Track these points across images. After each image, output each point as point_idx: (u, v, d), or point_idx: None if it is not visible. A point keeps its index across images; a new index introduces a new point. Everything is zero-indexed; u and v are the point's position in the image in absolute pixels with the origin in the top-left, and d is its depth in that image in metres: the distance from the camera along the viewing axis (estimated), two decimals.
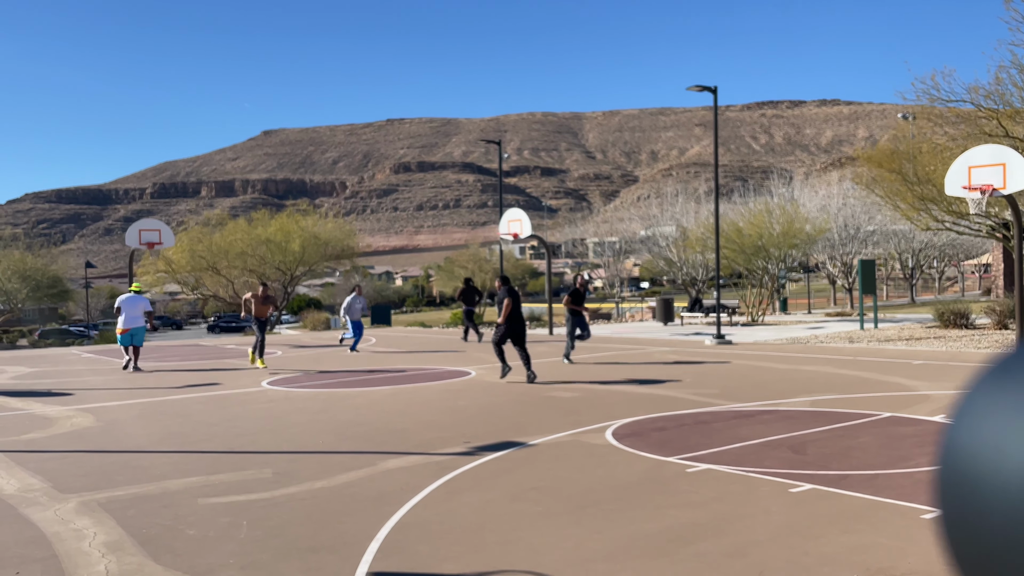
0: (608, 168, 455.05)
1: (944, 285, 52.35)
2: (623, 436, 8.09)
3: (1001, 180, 13.77)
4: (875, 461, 6.67)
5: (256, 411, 10.52)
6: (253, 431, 9.01)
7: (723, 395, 10.73)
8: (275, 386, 13.22)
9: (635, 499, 5.74)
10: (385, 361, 17.33)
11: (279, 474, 6.83)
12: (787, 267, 36.75)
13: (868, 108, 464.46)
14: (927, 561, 4.31)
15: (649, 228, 54.22)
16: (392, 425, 9.13)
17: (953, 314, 19.51)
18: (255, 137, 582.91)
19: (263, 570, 4.52)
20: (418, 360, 17.31)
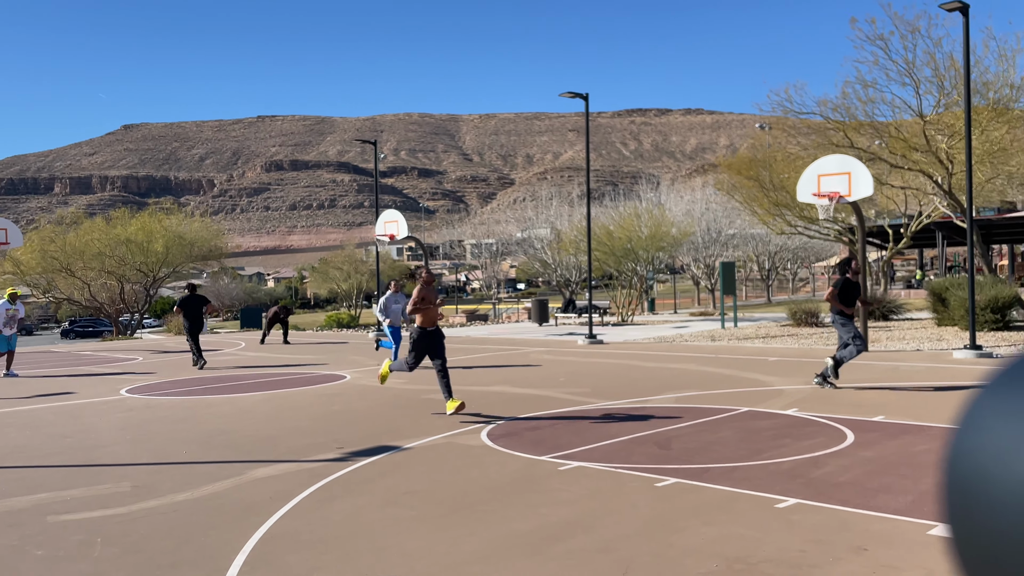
0: (485, 170, 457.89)
1: (797, 286, 55.67)
2: (498, 436, 8.16)
3: (847, 188, 14.79)
4: (734, 454, 7.02)
5: (114, 421, 9.94)
6: (110, 442, 8.51)
7: (594, 393, 11.02)
8: (135, 394, 12.54)
9: (509, 499, 5.80)
10: (253, 366, 16.77)
11: (138, 487, 6.48)
12: (655, 269, 38.14)
13: (729, 118, 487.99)
14: (781, 549, 4.58)
15: (525, 230, 54.96)
16: (261, 432, 8.85)
17: (805, 313, 20.80)
18: (114, 131, 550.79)
19: None
20: (290, 365, 16.85)
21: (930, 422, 8.20)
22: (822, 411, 9.03)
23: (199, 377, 14.84)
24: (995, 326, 17.01)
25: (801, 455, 6.90)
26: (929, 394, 10.02)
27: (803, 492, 5.73)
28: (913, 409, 8.98)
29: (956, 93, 19.43)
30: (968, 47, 14.26)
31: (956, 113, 19.48)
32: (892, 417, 8.54)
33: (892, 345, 16.24)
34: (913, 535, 4.73)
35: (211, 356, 19.60)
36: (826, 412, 8.96)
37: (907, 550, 4.48)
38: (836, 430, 7.95)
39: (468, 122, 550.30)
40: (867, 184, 14.67)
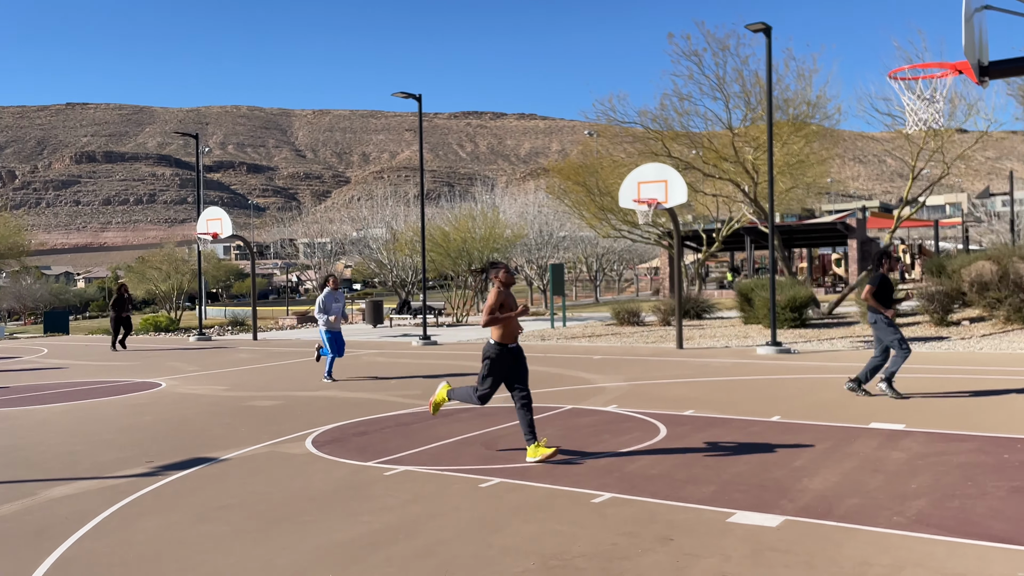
0: (319, 168, 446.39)
1: (623, 286, 58.30)
2: (323, 444, 7.97)
3: (664, 195, 15.65)
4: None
5: None
6: None
7: (425, 396, 11.01)
8: None
9: (331, 508, 5.68)
10: (57, 374, 15.46)
11: None
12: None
13: (561, 124, 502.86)
14: (594, 543, 4.77)
15: (360, 230, 54.11)
16: (60, 448, 8.16)
17: (627, 313, 21.81)
18: None
19: None
20: (100, 372, 15.66)
21: (734, 415, 8.82)
22: (639, 407, 9.49)
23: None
24: (794, 324, 18.56)
25: (618, 450, 7.22)
26: (735, 388, 10.78)
27: (618, 486, 5.99)
28: (720, 403, 9.63)
29: (761, 108, 21.04)
30: (770, 66, 15.47)
31: (761, 127, 21.10)
32: (701, 411, 9.12)
33: (704, 343, 17.34)
34: (714, 523, 5.06)
35: (10, 365, 17.87)
36: (642, 408, 9.43)
37: (709, 538, 4.79)
38: (651, 425, 8.39)
39: (301, 117, 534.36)
40: (682, 192, 15.58)
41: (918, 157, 18.51)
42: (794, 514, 5.17)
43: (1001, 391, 9.74)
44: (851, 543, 4.61)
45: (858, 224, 36.24)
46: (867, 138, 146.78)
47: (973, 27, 5.61)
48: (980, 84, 5.82)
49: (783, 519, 5.08)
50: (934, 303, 16.94)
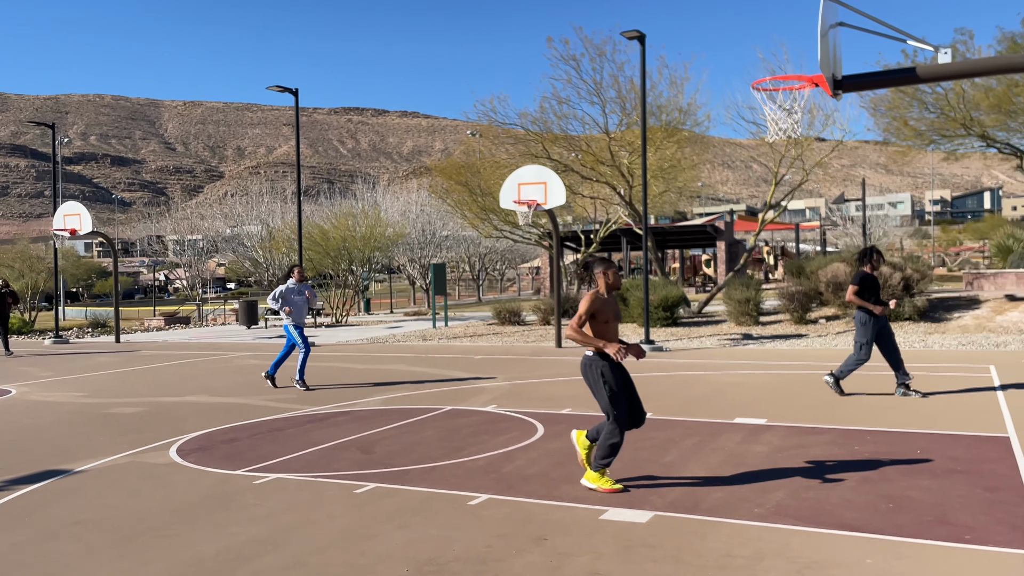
0: (190, 162, 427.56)
1: (505, 286, 58.79)
2: (189, 452, 7.62)
3: (543, 196, 15.87)
4: (434, 454, 7.19)
5: None
6: None
7: (300, 400, 10.72)
8: None
9: (195, 520, 5.43)
10: None
11: None
12: (371, 269, 38.14)
13: (444, 123, 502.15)
14: (469, 546, 4.76)
15: (235, 227, 52.22)
16: None
17: (508, 312, 22.00)
18: None
19: None
20: None
21: None
22: (518, 407, 9.57)
23: None
24: (666, 323, 19.23)
25: (496, 450, 7.25)
26: None
27: (494, 487, 6.01)
28: (595, 401, 9.82)
29: (636, 114, 21.68)
30: (644, 73, 15.95)
31: (636, 132, 21.74)
32: (578, 409, 9.29)
33: None
34: (587, 521, 5.15)
35: None
36: (521, 407, 9.51)
37: (582, 536, 4.87)
38: (529, 424, 8.47)
39: (171, 108, 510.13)
40: (560, 193, 15.84)
41: (780, 164, 19.55)
42: (663, 509, 5.34)
43: (853, 386, 10.40)
44: (715, 536, 4.79)
45: (726, 227, 37.93)
46: (735, 144, 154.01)
47: (828, 43, 5.95)
48: (834, 97, 6.18)
49: (653, 515, 5.23)
50: (794, 302, 17.94)
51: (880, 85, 6.75)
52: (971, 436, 7.32)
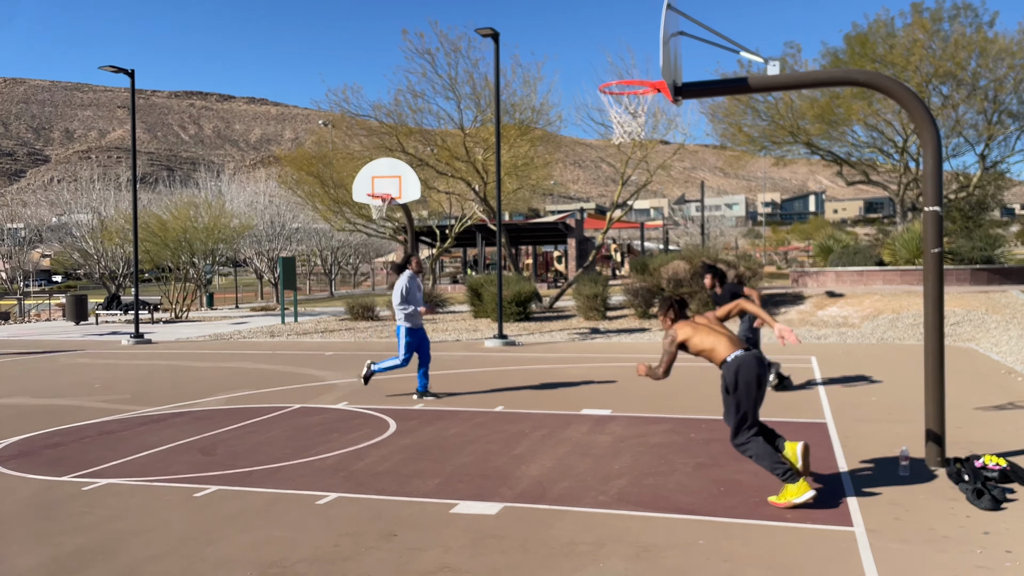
0: (11, 144, 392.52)
1: (359, 280, 57.81)
2: (8, 458, 7.02)
3: (398, 190, 15.73)
4: (281, 454, 6.99)
5: None
6: None
7: (134, 400, 10.11)
8: None
9: (13, 531, 5.01)
10: None
11: None
12: (215, 262, 36.45)
13: (294, 111, 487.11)
14: (316, 547, 4.66)
15: (62, 215, 48.57)
16: None
17: (361, 307, 21.66)
18: None
19: None
20: None
21: (461, 407, 9.09)
22: (369, 403, 9.46)
23: None
24: (519, 318, 19.56)
25: (346, 448, 7.14)
26: (463, 380, 11.12)
27: (343, 486, 5.91)
28: (450, 398, 9.87)
29: (490, 111, 21.90)
30: (498, 70, 16.13)
31: (490, 128, 21.96)
32: (430, 405, 9.29)
33: (435, 336, 17.70)
34: (437, 516, 5.17)
35: None
36: (373, 404, 9.41)
37: (431, 530, 4.88)
38: (381, 421, 8.39)
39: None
40: (415, 188, 15.76)
41: (627, 164, 20.33)
42: (512, 500, 5.44)
43: (691, 378, 10.99)
44: (561, 524, 4.93)
45: (577, 224, 39.03)
46: (585, 145, 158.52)
47: (669, 50, 6.24)
48: (675, 103, 6.49)
49: (502, 506, 5.32)
50: (638, 298, 18.72)
51: (716, 93, 7.15)
52: (794, 423, 7.91)
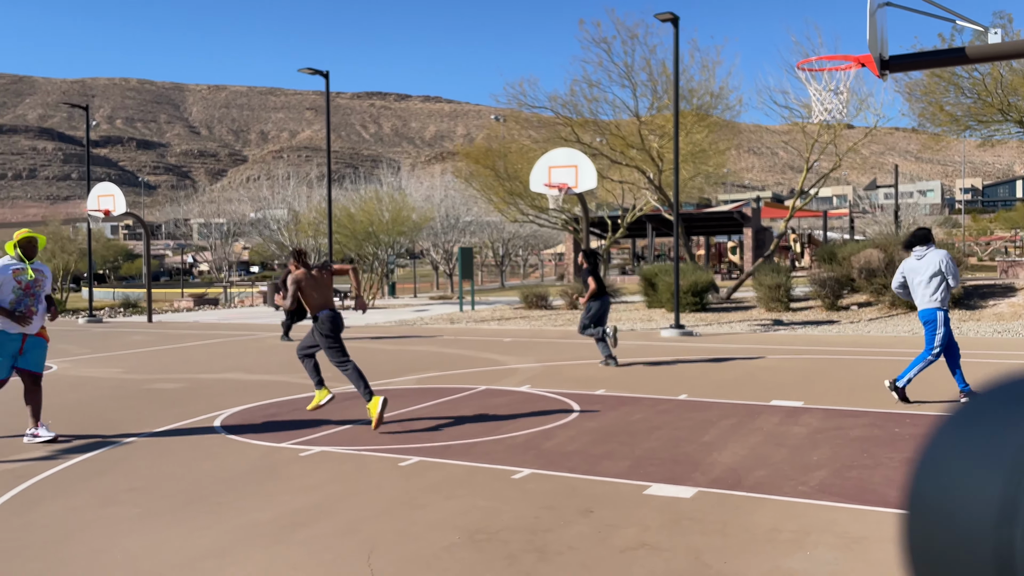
0: (215, 145, 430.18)
1: (528, 271, 58.80)
2: (233, 426, 7.76)
3: (574, 180, 15.87)
4: (473, 431, 7.28)
5: None
6: None
7: (336, 378, 10.84)
8: None
9: (246, 489, 5.55)
10: None
11: None
12: (396, 253, 38.31)
13: (466, 107, 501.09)
14: (517, 517, 4.84)
15: (259, 210, 52.58)
16: None
17: (535, 296, 22.04)
18: None
19: None
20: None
21: (643, 393, 9.07)
22: (551, 387, 9.64)
23: None
24: (695, 308, 19.18)
25: (534, 428, 7.33)
26: (642, 369, 11.08)
27: (536, 463, 6.08)
28: (629, 382, 9.88)
29: (667, 97, 21.56)
30: (677, 56, 15.85)
31: (666, 116, 21.63)
32: (612, 390, 9.34)
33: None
34: (632, 496, 5.21)
35: None
36: (555, 388, 9.58)
37: (627, 509, 4.93)
38: (564, 404, 8.53)
39: (195, 92, 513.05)
40: (591, 177, 15.83)
41: (812, 149, 19.38)
42: (706, 485, 5.38)
43: (888, 371, 10.36)
44: (761, 511, 4.83)
45: (753, 213, 37.68)
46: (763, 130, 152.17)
47: (876, 22, 5.91)
48: (880, 77, 6.14)
49: (696, 490, 5.28)
50: (825, 288, 17.83)
51: (928, 65, 6.69)
52: None
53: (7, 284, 7.15)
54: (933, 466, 0.64)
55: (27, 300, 7.23)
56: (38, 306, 7.33)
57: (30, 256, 7.35)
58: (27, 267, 7.30)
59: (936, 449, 0.66)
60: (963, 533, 0.59)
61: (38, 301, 7.34)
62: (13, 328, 7.10)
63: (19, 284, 7.20)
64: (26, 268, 7.29)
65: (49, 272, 7.64)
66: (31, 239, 7.40)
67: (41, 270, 7.48)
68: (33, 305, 7.27)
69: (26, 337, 7.21)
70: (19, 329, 7.13)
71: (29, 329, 7.20)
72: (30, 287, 7.27)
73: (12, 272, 7.19)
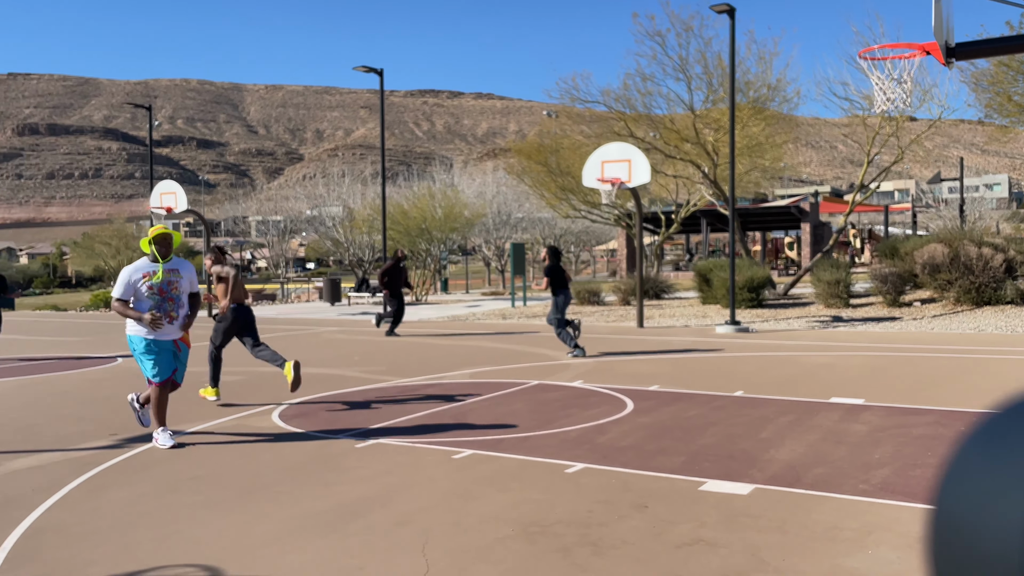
0: (272, 144, 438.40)
1: (579, 267, 58.61)
2: (291, 417, 7.91)
3: (627, 174, 15.74)
4: (526, 425, 7.29)
5: None
6: None
7: (390, 371, 10.97)
8: None
9: (304, 479, 5.65)
10: (6, 349, 15.04)
11: None
12: (448, 249, 38.54)
13: (518, 104, 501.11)
14: (571, 511, 4.83)
15: (315, 207, 53.43)
16: (20, 421, 7.96)
17: (587, 292, 21.95)
18: None
19: None
20: (52, 348, 15.28)
21: (698, 390, 8.97)
22: (604, 382, 9.59)
23: None
24: (751, 304, 18.88)
25: (587, 423, 7.30)
26: (696, 364, 10.96)
27: (589, 457, 6.06)
28: (683, 378, 9.78)
29: (722, 91, 21.24)
30: (733, 47, 15.60)
31: (722, 109, 21.31)
32: (666, 386, 9.25)
33: (663, 321, 17.55)
34: (687, 492, 5.16)
35: None
36: (608, 383, 9.53)
37: (682, 505, 4.88)
38: (617, 399, 8.48)
39: (253, 92, 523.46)
40: (645, 171, 15.69)
41: (873, 142, 18.90)
42: (763, 482, 5.30)
43: (953, 368, 10.05)
44: (820, 509, 4.74)
45: (811, 208, 36.90)
46: (821, 123, 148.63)
47: (941, 8, 5.73)
48: (946, 66, 5.96)
49: (753, 487, 5.20)
50: (887, 284, 17.37)
51: (996, 52, 6.47)
52: None
53: (139, 291, 6.59)
54: (958, 482, 0.64)
55: (166, 305, 6.59)
56: (178, 311, 6.69)
57: (164, 254, 6.65)
58: (159, 268, 6.62)
59: (961, 465, 0.65)
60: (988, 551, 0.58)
61: (178, 305, 6.70)
62: (164, 335, 6.60)
63: (152, 290, 6.57)
64: (157, 270, 6.62)
65: (190, 268, 6.87)
66: (165, 236, 6.67)
67: (176, 269, 6.75)
68: (173, 310, 6.63)
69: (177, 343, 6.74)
70: (168, 335, 6.61)
71: (167, 335, 6.62)
72: (164, 291, 6.60)
73: (142, 276, 6.59)
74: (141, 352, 6.60)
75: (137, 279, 6.58)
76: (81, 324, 21.63)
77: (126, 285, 6.57)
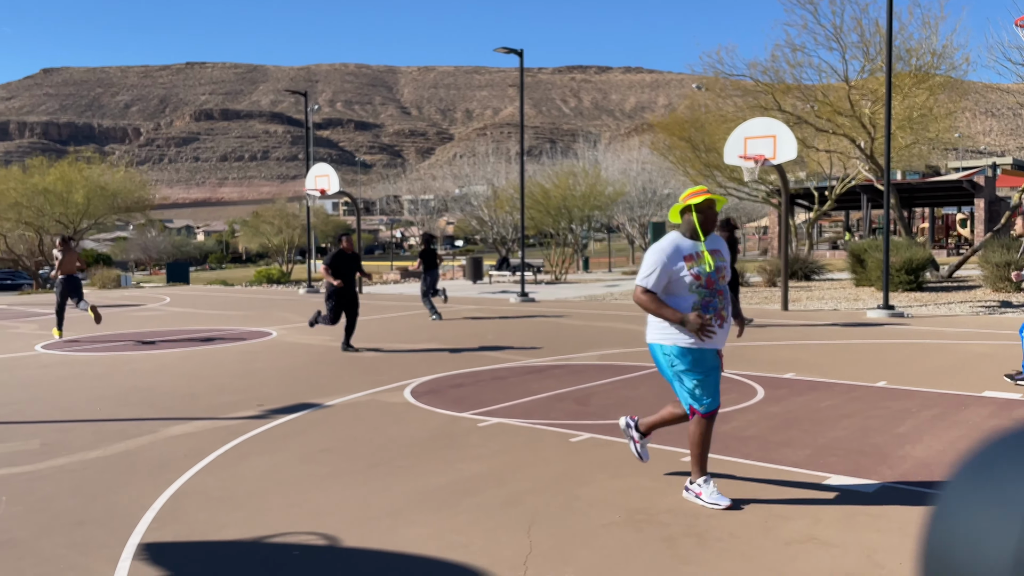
0: (424, 125, 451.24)
1: None
2: (421, 394, 8.22)
3: (772, 151, 15.09)
4: (649, 410, 7.22)
5: (26, 377, 9.67)
6: (20, 399, 8.29)
7: (520, 352, 11.15)
8: (51, 350, 12.18)
9: (426, 455, 5.88)
10: (178, 321, 16.45)
11: (48, 445, 6.36)
12: (590, 227, 38.44)
13: (668, 77, 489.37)
14: (681, 500, 4.77)
15: (463, 187, 54.68)
16: (180, 390, 8.73)
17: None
18: (33, 75, 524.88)
19: (20, 548, 4.23)
20: (216, 320, 16.57)
21: (837, 379, 8.56)
22: (738, 368, 9.33)
23: (119, 333, 14.49)
24: (909, 287, 17.72)
25: None
26: (839, 352, 10.44)
27: (709, 446, 5.93)
28: (823, 366, 9.35)
29: (880, 59, 19.89)
30: (891, 13, 14.57)
31: (880, 79, 19.96)
32: (802, 374, 8.89)
33: (811, 304, 16.79)
34: (806, 486, 4.97)
35: (136, 312, 19.12)
36: (741, 369, 9.26)
37: (799, 501, 4.71)
38: (748, 387, 8.24)
39: (406, 74, 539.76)
40: (791, 147, 14.99)
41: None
42: (892, 480, 5.02)
43: None
44: None
45: (987, 182, 34.01)
46: (1000, 90, 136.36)
47: None
48: None
49: (880, 484, 4.94)
50: None
51: None
52: None
53: (678, 280, 4.63)
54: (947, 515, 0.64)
55: (716, 301, 4.66)
56: (727, 308, 4.76)
57: (708, 229, 4.71)
58: (703, 250, 4.68)
59: (950, 498, 0.65)
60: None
61: (727, 300, 4.77)
62: (712, 344, 4.70)
63: (698, 280, 4.61)
64: (702, 252, 4.67)
65: (724, 247, 4.85)
66: (710, 202, 4.69)
67: (719, 250, 4.78)
68: (724, 308, 4.72)
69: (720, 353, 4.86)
70: (716, 344, 4.72)
71: (715, 343, 4.72)
72: (712, 281, 4.66)
73: (684, 260, 4.62)
74: (682, 369, 4.69)
75: (678, 265, 4.62)
76: (242, 299, 23.27)
77: (660, 272, 4.61)
